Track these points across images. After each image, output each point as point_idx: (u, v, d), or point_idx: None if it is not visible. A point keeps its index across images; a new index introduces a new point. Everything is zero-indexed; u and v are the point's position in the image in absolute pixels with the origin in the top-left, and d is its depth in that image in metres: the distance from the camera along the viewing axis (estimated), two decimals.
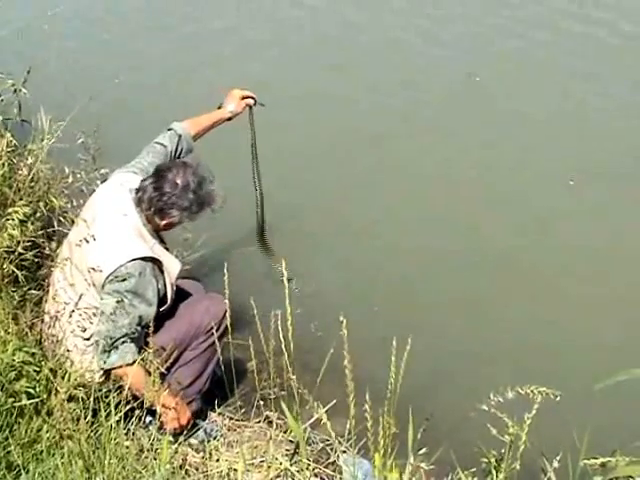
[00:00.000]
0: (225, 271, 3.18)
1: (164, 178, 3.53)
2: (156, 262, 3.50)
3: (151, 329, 3.26)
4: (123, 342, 3.39)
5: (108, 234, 3.49)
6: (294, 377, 2.99)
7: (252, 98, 4.29)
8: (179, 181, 3.53)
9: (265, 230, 4.72)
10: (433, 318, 4.64)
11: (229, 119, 4.22)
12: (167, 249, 3.70)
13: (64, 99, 4.94)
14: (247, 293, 3.96)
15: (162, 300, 3.54)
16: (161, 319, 3.54)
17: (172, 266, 3.61)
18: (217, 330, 3.59)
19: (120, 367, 3.40)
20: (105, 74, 6.76)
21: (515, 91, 6.71)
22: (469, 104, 6.56)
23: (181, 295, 3.74)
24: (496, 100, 6.60)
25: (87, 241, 3.45)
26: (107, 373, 3.44)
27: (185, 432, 3.65)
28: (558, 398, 2.61)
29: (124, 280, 3.38)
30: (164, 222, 3.59)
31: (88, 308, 3.47)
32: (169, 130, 3.96)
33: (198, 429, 3.81)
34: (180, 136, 3.94)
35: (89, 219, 3.56)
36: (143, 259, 3.43)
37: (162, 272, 3.54)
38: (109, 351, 3.38)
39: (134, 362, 3.38)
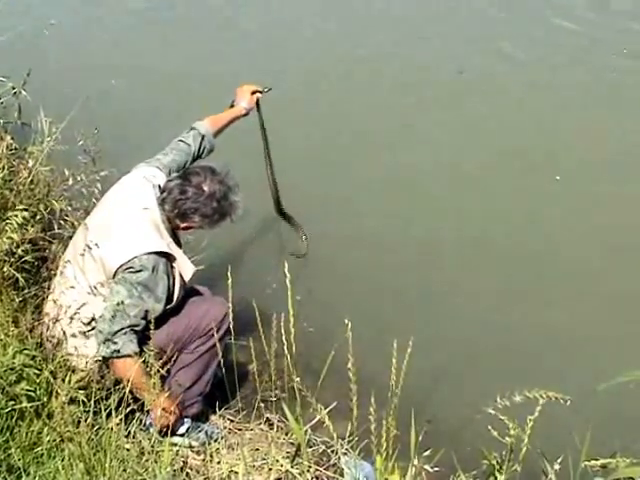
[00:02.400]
0: (228, 273, 3.18)
1: (191, 182, 3.57)
2: (170, 259, 3.52)
3: (152, 325, 3.26)
4: (125, 333, 3.39)
5: (126, 224, 3.52)
6: (298, 379, 2.98)
7: (259, 91, 4.40)
8: (206, 188, 3.57)
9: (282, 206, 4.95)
10: (434, 319, 4.64)
11: (245, 114, 4.31)
12: (181, 247, 3.72)
13: (64, 102, 4.93)
14: (249, 295, 3.97)
15: (169, 298, 3.54)
16: (163, 317, 3.54)
17: (185, 267, 3.62)
18: (217, 332, 3.59)
19: (119, 358, 3.39)
20: (104, 76, 6.75)
21: (505, 87, 6.77)
22: (461, 100, 6.60)
23: (187, 297, 3.74)
24: (486, 96, 6.64)
25: (104, 230, 3.51)
26: (106, 364, 3.44)
27: (170, 431, 3.62)
28: (568, 402, 2.61)
29: (137, 272, 3.40)
30: (184, 225, 3.63)
31: (98, 295, 3.48)
32: (192, 129, 4.02)
33: (199, 431, 3.81)
34: (203, 136, 4.00)
35: (110, 208, 3.62)
36: (158, 254, 3.45)
37: (173, 270, 3.55)
38: (109, 341, 3.38)
39: (133, 355, 3.38)
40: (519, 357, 4.39)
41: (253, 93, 4.34)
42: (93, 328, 3.45)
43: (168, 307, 3.56)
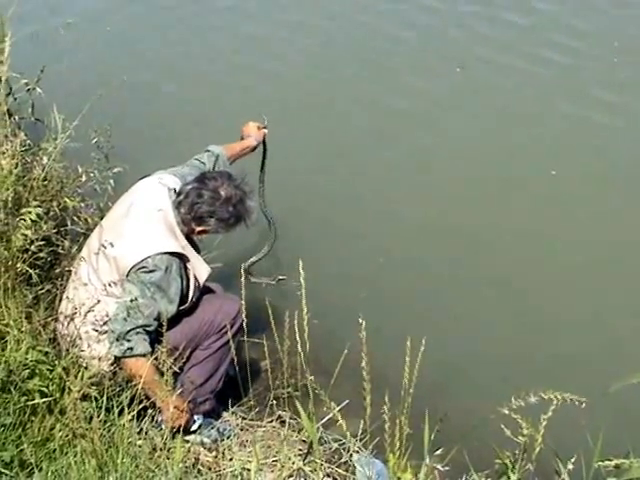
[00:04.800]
0: (242, 271, 3.18)
1: (208, 186, 3.58)
2: (183, 259, 3.53)
3: (164, 325, 3.26)
4: (137, 333, 3.40)
5: (140, 225, 3.54)
6: (312, 377, 2.99)
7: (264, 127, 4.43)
8: (223, 192, 3.58)
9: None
10: (448, 318, 4.64)
11: (255, 147, 4.34)
12: (199, 252, 3.74)
13: (77, 99, 4.93)
14: (262, 293, 3.97)
15: (183, 299, 3.56)
16: (176, 317, 3.55)
17: (200, 269, 3.64)
18: (230, 329, 3.60)
19: (131, 358, 3.40)
20: (118, 73, 6.76)
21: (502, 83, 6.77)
22: (463, 96, 6.62)
23: (200, 295, 3.75)
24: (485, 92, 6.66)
25: (118, 230, 3.54)
26: (118, 364, 3.45)
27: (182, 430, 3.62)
28: (584, 405, 2.60)
29: (150, 272, 3.41)
30: (199, 229, 3.63)
31: (109, 296, 3.49)
32: (206, 151, 4.06)
33: (211, 428, 3.82)
34: (217, 156, 4.03)
35: (124, 209, 3.62)
36: (171, 254, 3.47)
37: (187, 271, 3.56)
38: (122, 340, 3.39)
39: (145, 355, 3.39)
40: (532, 357, 4.38)
41: (259, 129, 4.36)
42: (105, 329, 3.47)
43: (182, 308, 3.57)
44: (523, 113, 6.35)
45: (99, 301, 3.46)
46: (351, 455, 3.76)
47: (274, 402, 3.86)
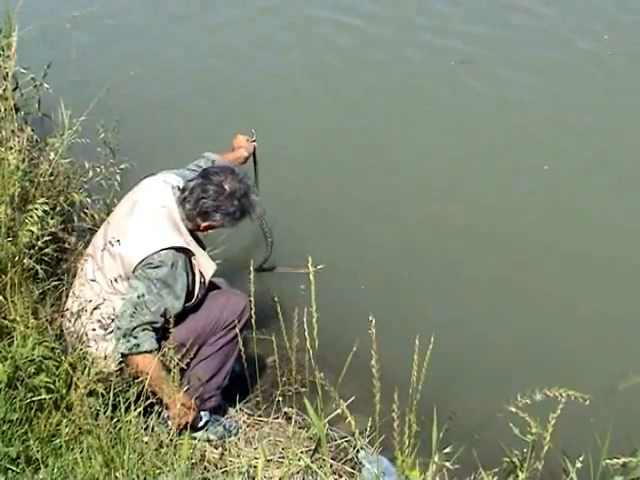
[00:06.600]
0: (251, 268, 3.18)
1: (212, 181, 3.59)
2: (189, 255, 3.53)
3: (171, 323, 3.25)
4: (144, 329, 3.40)
5: (145, 222, 3.55)
6: (321, 374, 2.98)
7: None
8: (227, 187, 3.58)
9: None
10: (455, 316, 4.63)
11: (246, 159, 4.37)
12: (204, 249, 3.73)
13: (84, 94, 4.93)
14: (270, 289, 3.97)
15: (189, 296, 3.55)
16: (182, 313, 3.55)
17: (206, 265, 3.64)
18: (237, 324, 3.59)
19: (137, 354, 3.40)
20: (125, 69, 6.76)
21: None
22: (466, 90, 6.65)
23: (207, 293, 3.75)
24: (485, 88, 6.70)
25: (123, 227, 3.54)
26: (124, 360, 3.44)
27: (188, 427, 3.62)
28: (587, 402, 2.59)
29: (156, 267, 3.42)
30: (205, 224, 3.63)
31: (115, 294, 3.50)
32: (203, 157, 4.07)
33: (218, 425, 3.82)
34: (213, 161, 4.04)
35: (128, 208, 3.63)
36: (177, 249, 3.47)
37: (192, 267, 3.56)
38: (128, 336, 3.39)
39: (151, 351, 3.40)
40: (540, 356, 4.38)
41: (248, 142, 4.41)
42: (111, 328, 3.47)
43: (188, 305, 3.57)
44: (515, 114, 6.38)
45: (105, 299, 3.47)
46: (358, 452, 3.76)
47: (281, 399, 3.86)
